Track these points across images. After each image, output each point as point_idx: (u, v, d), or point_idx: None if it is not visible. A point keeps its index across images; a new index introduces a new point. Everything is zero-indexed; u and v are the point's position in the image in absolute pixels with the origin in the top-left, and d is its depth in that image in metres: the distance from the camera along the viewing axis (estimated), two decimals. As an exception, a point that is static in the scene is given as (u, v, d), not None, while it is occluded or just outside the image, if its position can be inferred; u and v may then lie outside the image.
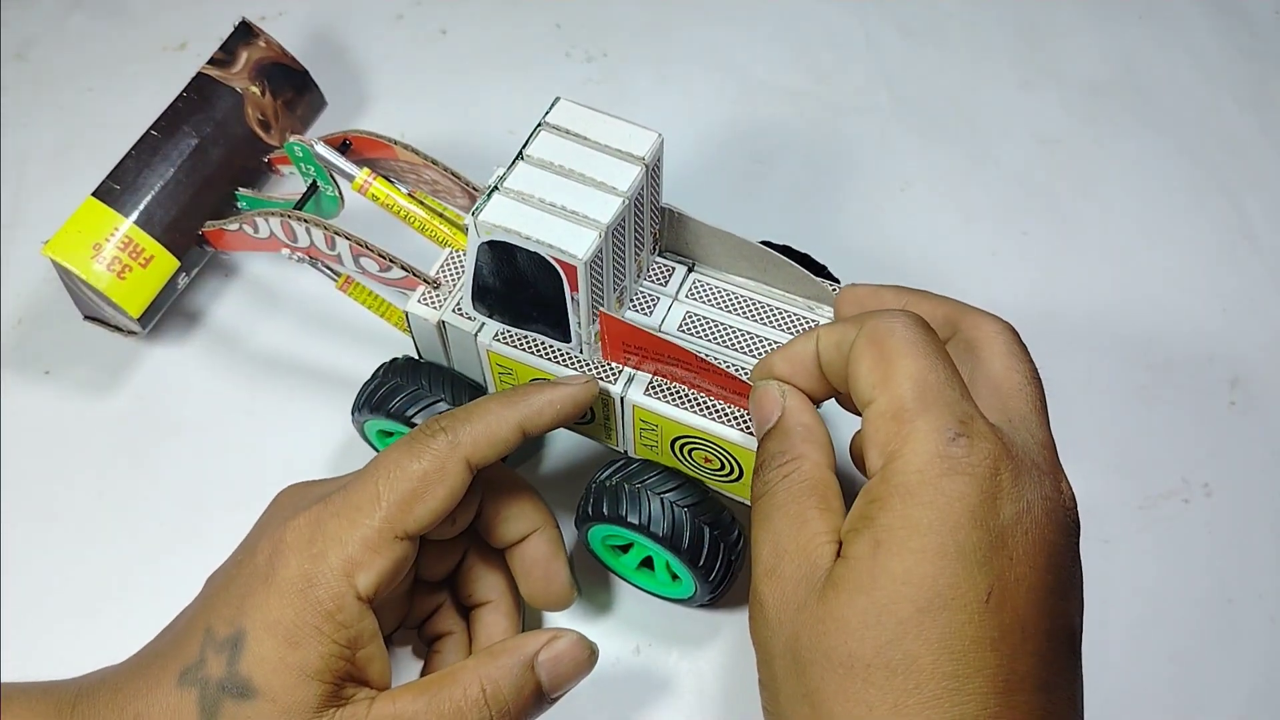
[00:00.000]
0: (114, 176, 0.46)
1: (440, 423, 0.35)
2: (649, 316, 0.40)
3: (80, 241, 0.45)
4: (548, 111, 0.37)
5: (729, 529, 0.39)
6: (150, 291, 0.46)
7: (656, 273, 0.41)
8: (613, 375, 0.38)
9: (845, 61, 0.59)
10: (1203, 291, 0.51)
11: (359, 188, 0.43)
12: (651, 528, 0.38)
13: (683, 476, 0.39)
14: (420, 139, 0.54)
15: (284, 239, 0.43)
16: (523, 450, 0.44)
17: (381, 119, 0.56)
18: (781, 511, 0.30)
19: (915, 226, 0.53)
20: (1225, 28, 0.60)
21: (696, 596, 0.41)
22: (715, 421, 0.37)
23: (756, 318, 0.40)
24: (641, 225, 0.38)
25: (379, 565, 0.33)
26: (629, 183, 0.36)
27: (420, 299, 0.40)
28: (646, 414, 0.38)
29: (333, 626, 0.32)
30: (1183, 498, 0.45)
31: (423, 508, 0.33)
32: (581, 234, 0.35)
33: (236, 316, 0.50)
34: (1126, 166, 0.55)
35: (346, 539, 0.33)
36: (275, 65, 0.50)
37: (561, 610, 0.40)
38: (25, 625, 0.42)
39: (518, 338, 0.39)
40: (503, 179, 0.36)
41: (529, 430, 0.36)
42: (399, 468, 0.34)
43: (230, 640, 0.32)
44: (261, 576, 0.32)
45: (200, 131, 0.47)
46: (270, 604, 0.32)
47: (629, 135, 0.37)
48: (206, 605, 0.33)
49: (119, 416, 0.47)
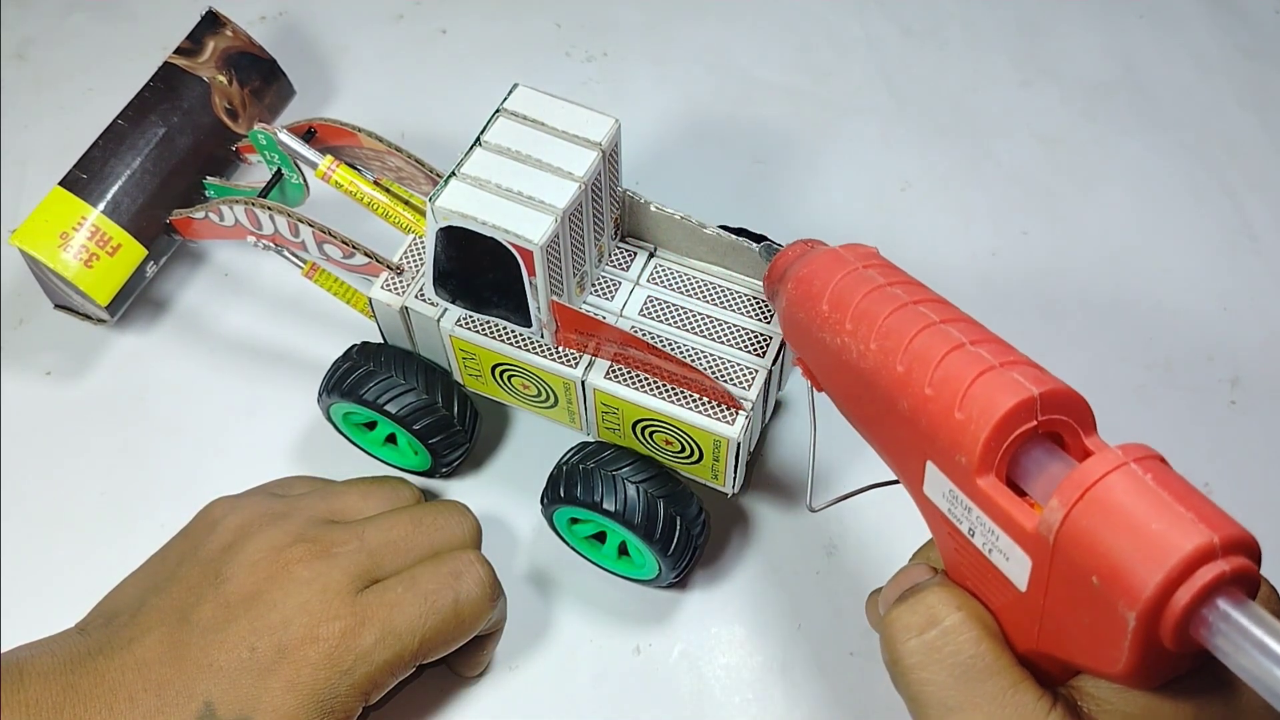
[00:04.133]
0: (81, 166, 0.46)
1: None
2: (610, 301, 0.40)
3: (48, 230, 0.45)
4: (506, 98, 0.38)
5: (687, 505, 0.40)
6: (118, 280, 0.46)
7: (618, 258, 0.41)
8: (574, 359, 0.39)
9: (845, 61, 0.59)
10: (1203, 291, 0.51)
11: (322, 175, 0.43)
12: (613, 508, 0.38)
13: (644, 458, 0.40)
14: (420, 138, 0.55)
15: (249, 227, 0.44)
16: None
17: (381, 118, 0.56)
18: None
19: (915, 226, 0.53)
20: (1225, 28, 0.60)
21: (661, 577, 0.41)
22: (675, 404, 0.37)
23: (717, 302, 0.40)
24: (600, 210, 0.38)
25: (392, 683, 0.35)
26: (585, 168, 0.36)
27: (384, 285, 0.41)
28: (607, 398, 0.38)
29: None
30: (1183, 498, 0.45)
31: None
32: (537, 219, 0.35)
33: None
34: (1127, 166, 0.55)
35: (374, 658, 0.34)
36: (242, 54, 0.50)
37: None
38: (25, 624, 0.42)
39: (480, 323, 0.39)
40: (460, 165, 0.36)
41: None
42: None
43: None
44: (273, 670, 0.33)
45: (167, 121, 0.47)
46: (286, 703, 0.33)
47: (586, 121, 0.37)
48: (199, 670, 0.33)
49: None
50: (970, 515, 0.26)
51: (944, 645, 0.27)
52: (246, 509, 0.38)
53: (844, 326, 0.29)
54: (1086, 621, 0.24)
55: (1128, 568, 0.22)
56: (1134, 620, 0.22)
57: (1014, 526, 0.25)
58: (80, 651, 0.34)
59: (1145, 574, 0.22)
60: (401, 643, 0.35)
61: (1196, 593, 0.22)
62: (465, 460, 0.45)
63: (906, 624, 0.27)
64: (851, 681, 0.41)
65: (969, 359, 0.26)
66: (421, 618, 0.35)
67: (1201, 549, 0.22)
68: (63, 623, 0.37)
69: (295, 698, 0.33)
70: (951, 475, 0.26)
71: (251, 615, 0.34)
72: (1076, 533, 0.23)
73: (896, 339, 0.28)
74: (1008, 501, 0.25)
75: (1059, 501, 0.23)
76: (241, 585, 0.35)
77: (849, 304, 0.29)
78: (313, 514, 0.38)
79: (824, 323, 0.30)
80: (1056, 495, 0.24)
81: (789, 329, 0.33)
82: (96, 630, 0.35)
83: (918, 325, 0.27)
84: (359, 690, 0.34)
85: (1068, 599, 0.24)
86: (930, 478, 0.27)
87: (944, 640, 0.27)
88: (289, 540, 0.36)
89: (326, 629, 0.34)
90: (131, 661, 0.33)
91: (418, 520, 0.38)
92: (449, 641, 0.36)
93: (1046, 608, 0.25)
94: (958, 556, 0.27)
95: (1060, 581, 0.24)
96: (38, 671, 0.33)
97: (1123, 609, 0.22)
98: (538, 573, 0.44)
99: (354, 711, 0.34)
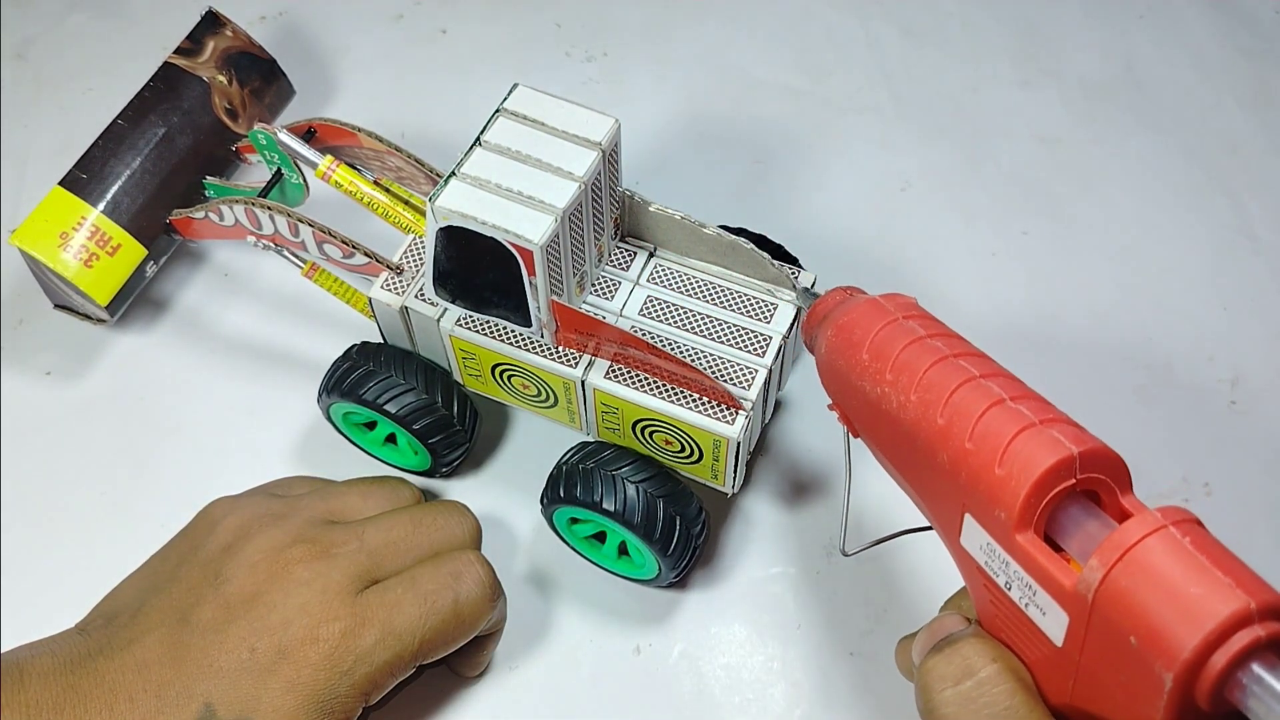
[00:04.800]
0: (81, 165, 0.46)
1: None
2: (610, 301, 0.40)
3: (48, 230, 0.45)
4: (506, 98, 0.38)
5: (687, 504, 0.40)
6: (118, 280, 0.46)
7: (618, 258, 0.41)
8: (574, 359, 0.39)
9: (845, 61, 0.59)
10: (1203, 291, 0.51)
11: (322, 175, 0.43)
12: (612, 508, 0.38)
13: (644, 457, 0.40)
14: (420, 138, 0.55)
15: (249, 227, 0.44)
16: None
17: (381, 118, 0.56)
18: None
19: (915, 226, 0.53)
20: (1225, 28, 0.60)
21: (661, 577, 0.41)
22: (675, 404, 0.37)
23: (717, 302, 0.40)
24: (600, 210, 0.38)
25: (392, 684, 0.35)
26: (585, 168, 0.36)
27: (384, 285, 0.41)
28: (607, 397, 0.38)
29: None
30: (1183, 497, 0.45)
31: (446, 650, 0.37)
32: (537, 219, 0.35)
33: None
34: (1126, 166, 0.55)
35: (374, 659, 0.34)
36: (242, 54, 0.50)
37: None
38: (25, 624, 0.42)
39: (480, 323, 0.39)
40: (460, 165, 0.36)
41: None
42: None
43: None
44: (273, 671, 0.33)
45: (167, 121, 0.47)
46: (286, 704, 0.33)
47: (586, 121, 0.37)
48: (199, 671, 0.33)
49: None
50: (1007, 569, 0.26)
51: (979, 696, 0.27)
52: (246, 509, 0.38)
53: (884, 376, 0.29)
54: (1122, 679, 0.24)
55: (1166, 629, 0.23)
56: (1171, 681, 0.23)
57: (1052, 583, 0.25)
58: (80, 652, 0.34)
59: (1184, 636, 0.22)
60: (401, 643, 0.35)
61: (1232, 656, 0.22)
62: (465, 460, 0.45)
63: (942, 674, 0.28)
64: (851, 681, 0.41)
65: (1010, 415, 0.27)
66: (422, 618, 0.35)
67: (1238, 614, 0.22)
68: (62, 623, 0.37)
69: (295, 698, 0.33)
70: (990, 529, 0.26)
71: (251, 616, 0.34)
72: (1115, 593, 0.24)
73: (938, 392, 0.28)
74: (1047, 558, 0.25)
75: (1099, 562, 0.24)
76: (241, 586, 0.35)
77: (890, 354, 0.29)
78: (312, 514, 0.38)
79: (864, 371, 0.30)
80: (1096, 555, 0.24)
81: (827, 375, 0.33)
82: (96, 631, 0.35)
83: (959, 379, 0.28)
84: (359, 691, 0.34)
85: (1104, 656, 0.24)
86: (968, 530, 0.27)
87: (979, 692, 0.27)
88: (289, 541, 0.36)
89: (326, 630, 0.34)
90: (131, 662, 0.33)
91: (418, 520, 0.38)
92: (449, 642, 0.36)
93: (1082, 664, 0.25)
94: (993, 608, 0.28)
95: (1097, 639, 0.24)
96: (38, 672, 0.33)
97: (1160, 669, 0.23)
98: (538, 573, 0.44)
99: (354, 712, 0.34)
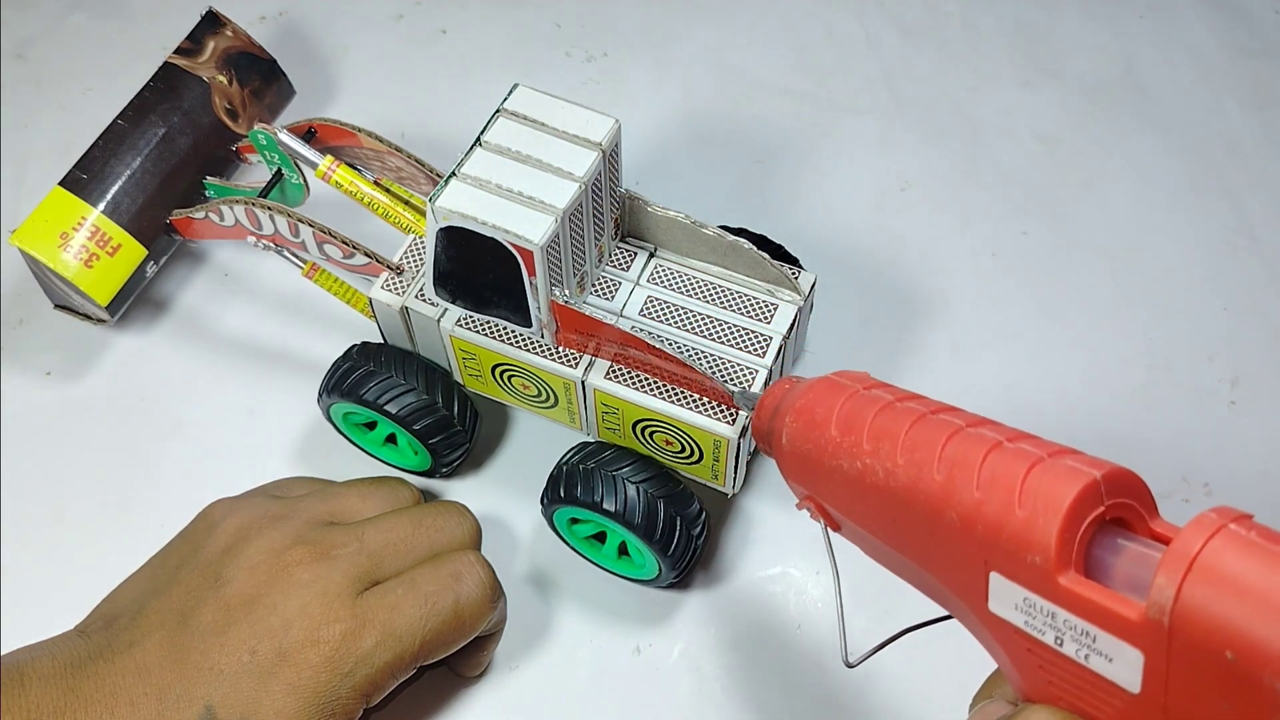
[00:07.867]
0: (81, 166, 0.46)
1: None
2: (611, 301, 0.40)
3: (48, 230, 0.45)
4: (506, 98, 0.38)
5: (687, 505, 0.40)
6: (118, 280, 0.46)
7: (618, 258, 0.41)
8: (574, 360, 0.39)
9: (845, 61, 0.59)
10: (1203, 291, 0.51)
11: (322, 175, 0.43)
12: (612, 508, 0.38)
13: (644, 458, 0.40)
14: (420, 138, 0.55)
15: (249, 227, 0.44)
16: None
17: (381, 118, 0.56)
18: None
19: (915, 226, 0.53)
20: (1225, 28, 0.60)
21: (661, 577, 0.41)
22: (675, 405, 0.37)
23: (717, 302, 0.40)
24: (601, 211, 0.38)
25: (392, 685, 0.35)
26: (586, 168, 0.36)
27: (384, 285, 0.41)
28: (607, 398, 0.38)
29: None
30: (1183, 497, 0.45)
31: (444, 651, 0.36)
32: (537, 219, 0.35)
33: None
34: (1126, 166, 0.55)
35: (375, 660, 0.34)
36: (242, 54, 0.50)
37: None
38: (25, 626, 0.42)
39: (480, 323, 0.39)
40: (460, 165, 0.36)
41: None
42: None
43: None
44: (274, 673, 0.33)
45: (167, 121, 0.47)
46: (287, 706, 0.33)
47: (586, 121, 0.37)
48: (200, 673, 0.33)
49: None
50: (1055, 621, 0.23)
51: None
52: (246, 511, 0.38)
53: (862, 448, 0.27)
54: (1224, 705, 0.21)
55: (1265, 633, 0.20)
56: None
57: (1115, 620, 0.22)
58: (81, 655, 0.34)
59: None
60: (402, 645, 0.35)
61: None
62: (465, 460, 0.45)
63: None
64: (852, 682, 0.41)
65: (1014, 455, 0.24)
66: (422, 619, 0.35)
67: None
68: (62, 624, 0.37)
69: (296, 700, 0.33)
70: (1024, 581, 0.23)
71: (252, 618, 0.34)
72: (1194, 607, 0.21)
73: (927, 450, 0.25)
74: (1100, 595, 0.22)
75: (1166, 579, 0.21)
76: (241, 588, 0.35)
77: (862, 424, 0.27)
78: (312, 515, 0.38)
79: (837, 449, 0.28)
80: (1161, 573, 0.21)
81: (794, 466, 0.30)
82: (96, 633, 0.35)
83: (946, 432, 0.26)
84: (360, 692, 0.34)
85: (1196, 686, 0.22)
86: (997, 590, 0.24)
87: None
88: (289, 542, 0.36)
89: (327, 632, 0.34)
90: (132, 665, 0.33)
91: (418, 521, 0.38)
92: (449, 643, 0.36)
93: (1168, 704, 0.22)
94: (1044, 674, 0.24)
95: (1183, 668, 0.22)
96: (38, 675, 0.33)
97: (1270, 679, 0.20)
98: (538, 573, 0.44)
99: (355, 713, 0.34)
